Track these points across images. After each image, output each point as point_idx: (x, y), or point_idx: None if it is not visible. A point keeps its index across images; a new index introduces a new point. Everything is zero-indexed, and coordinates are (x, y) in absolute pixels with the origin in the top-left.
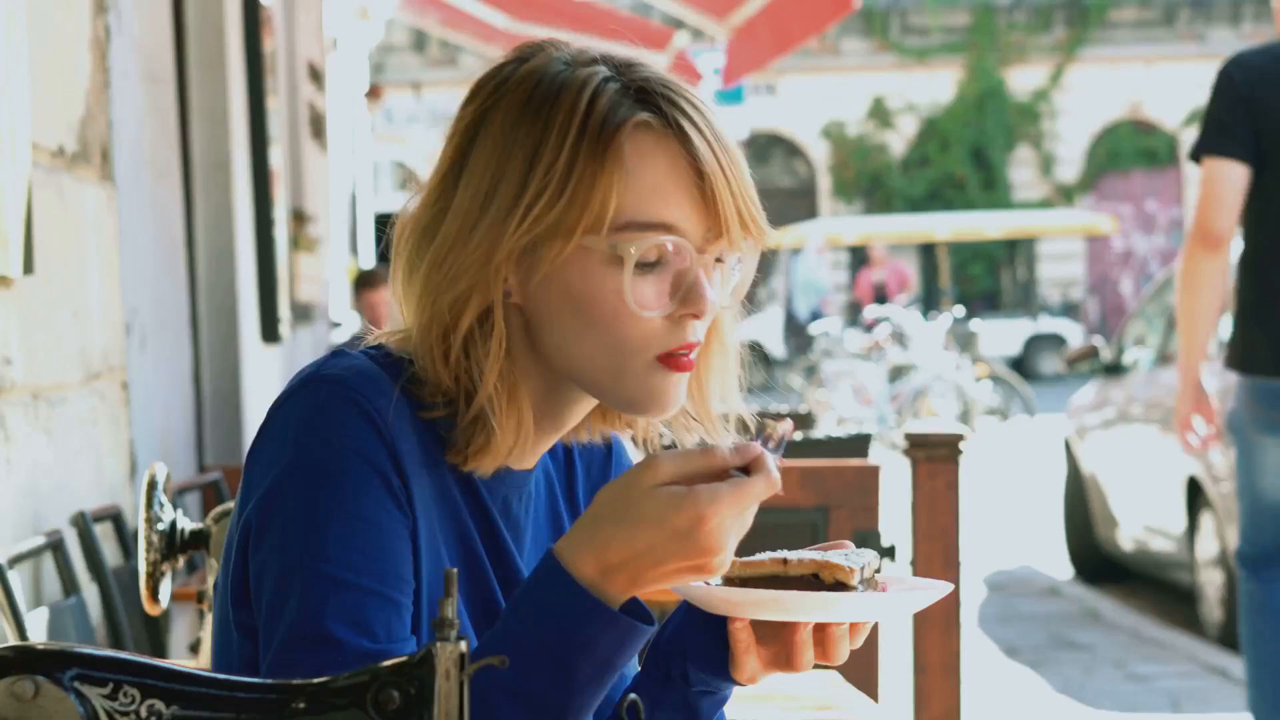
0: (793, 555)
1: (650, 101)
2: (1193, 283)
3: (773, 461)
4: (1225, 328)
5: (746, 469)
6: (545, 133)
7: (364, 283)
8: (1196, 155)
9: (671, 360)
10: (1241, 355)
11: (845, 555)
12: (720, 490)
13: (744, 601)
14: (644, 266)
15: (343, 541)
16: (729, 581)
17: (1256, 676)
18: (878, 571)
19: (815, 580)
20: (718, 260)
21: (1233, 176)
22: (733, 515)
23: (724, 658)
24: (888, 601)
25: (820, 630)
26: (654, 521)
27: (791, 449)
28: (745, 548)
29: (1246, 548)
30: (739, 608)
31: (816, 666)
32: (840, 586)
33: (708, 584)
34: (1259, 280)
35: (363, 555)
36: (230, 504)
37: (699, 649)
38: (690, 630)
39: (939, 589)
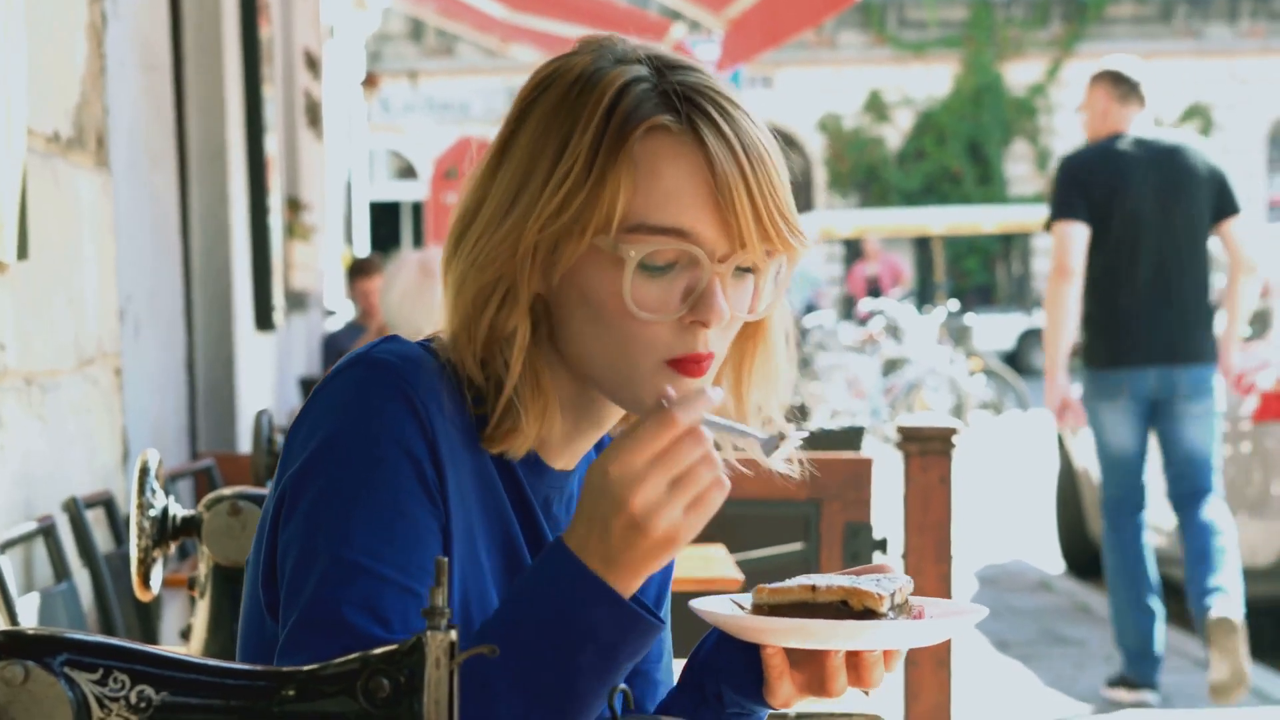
0: (821, 581)
1: (675, 105)
2: (1056, 303)
3: (698, 401)
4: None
5: None
6: (573, 129)
7: (359, 271)
8: (1048, 224)
9: (679, 364)
10: (1086, 354)
11: (876, 581)
12: (620, 439)
13: (771, 629)
14: (653, 270)
15: (368, 528)
16: (758, 609)
17: (1114, 599)
18: (909, 596)
19: (844, 607)
20: (747, 270)
21: (1075, 231)
22: (639, 450)
23: (758, 681)
24: (915, 629)
25: (854, 656)
26: (597, 490)
27: None
28: (738, 542)
29: (1108, 497)
30: (766, 635)
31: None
32: (869, 613)
33: (740, 607)
34: (1097, 303)
35: (387, 543)
36: (223, 490)
37: (734, 671)
38: (725, 651)
39: (972, 615)
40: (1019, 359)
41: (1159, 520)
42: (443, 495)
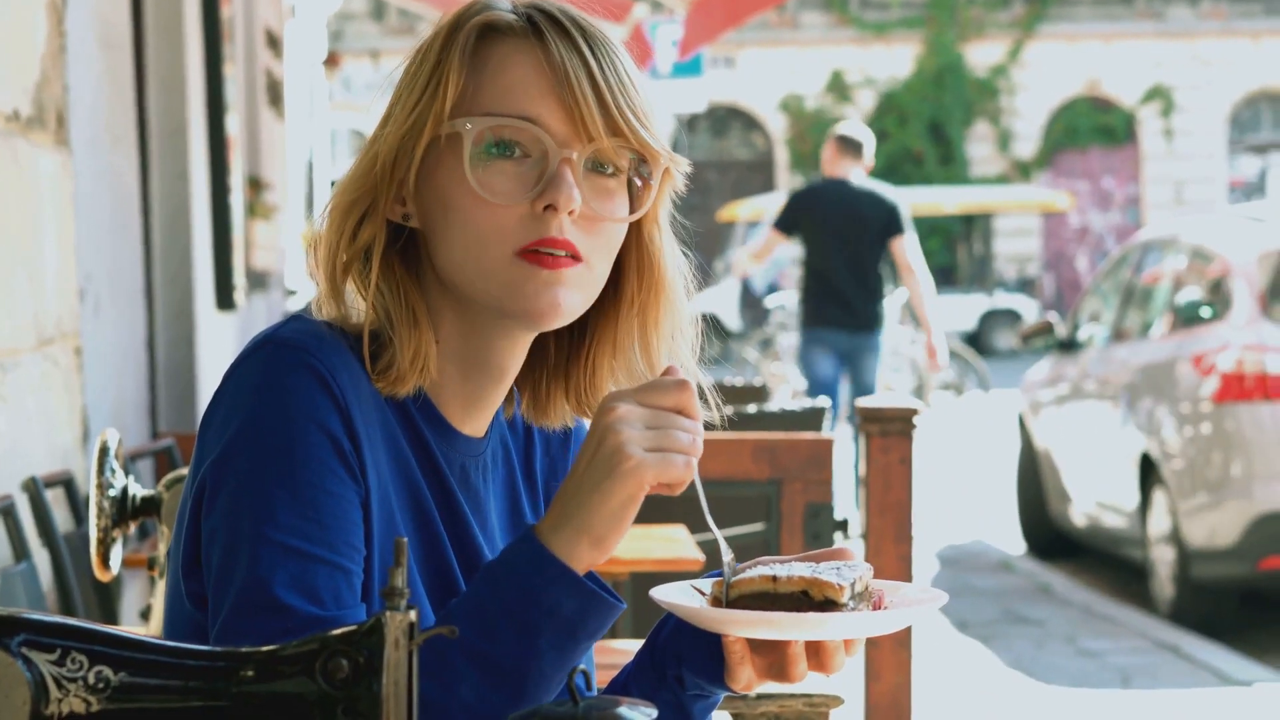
0: (782, 571)
1: (520, 12)
2: (755, 255)
3: (691, 377)
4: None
5: None
6: (428, 52)
7: None
8: (775, 226)
9: (533, 256)
10: (803, 318)
11: (837, 570)
12: (618, 391)
13: (732, 620)
14: (500, 157)
15: (292, 508)
16: (717, 600)
17: None
18: (868, 585)
19: (804, 597)
20: (601, 169)
21: (775, 239)
22: (632, 405)
23: (719, 666)
24: (876, 620)
25: (815, 643)
26: (583, 457)
27: (746, 422)
28: (700, 523)
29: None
30: (727, 626)
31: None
32: (829, 604)
33: (700, 593)
34: (810, 287)
35: (312, 522)
36: (183, 470)
37: (695, 655)
38: (686, 635)
39: (932, 602)
40: (980, 340)
41: (1118, 501)
42: (361, 468)
